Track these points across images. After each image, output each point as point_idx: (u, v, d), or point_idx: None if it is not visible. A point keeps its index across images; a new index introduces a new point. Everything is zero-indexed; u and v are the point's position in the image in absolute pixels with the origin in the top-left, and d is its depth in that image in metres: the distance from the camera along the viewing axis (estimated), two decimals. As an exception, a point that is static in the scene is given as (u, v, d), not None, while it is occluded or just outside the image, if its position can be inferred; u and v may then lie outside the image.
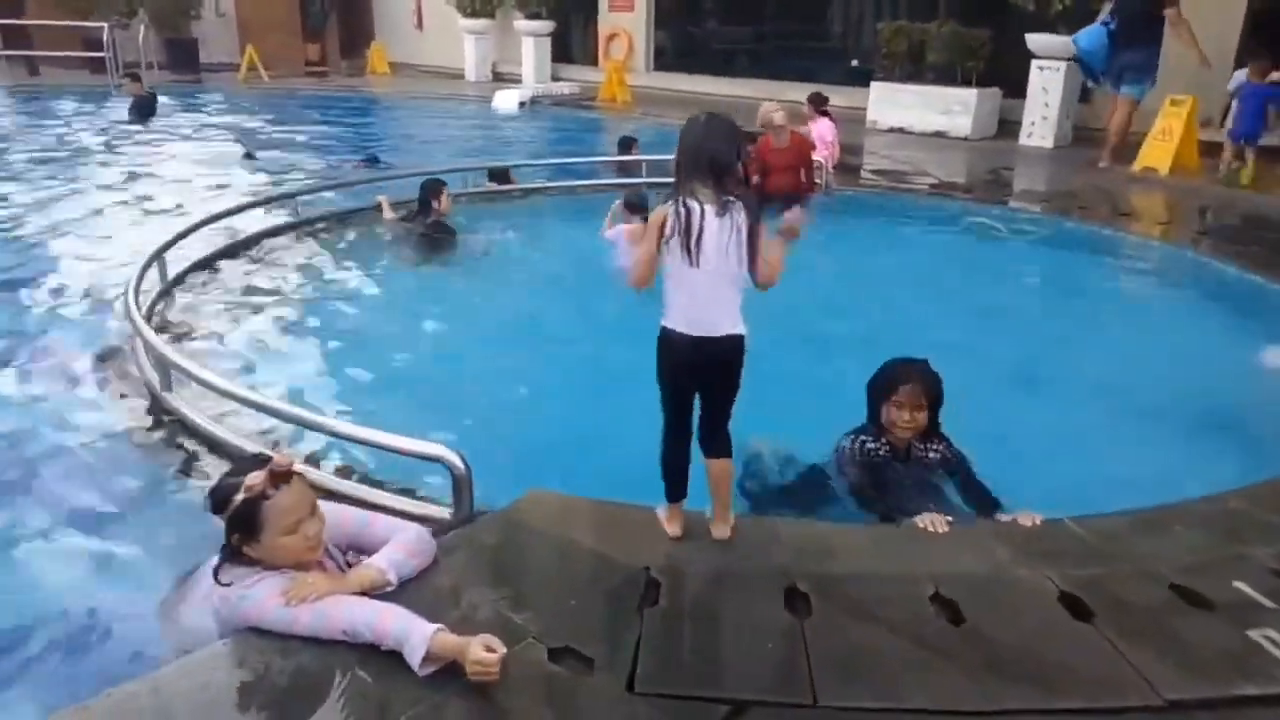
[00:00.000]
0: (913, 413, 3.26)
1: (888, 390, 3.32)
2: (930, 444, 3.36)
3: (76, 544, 3.15)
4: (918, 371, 3.31)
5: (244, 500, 2.26)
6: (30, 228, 7.67)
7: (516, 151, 12.46)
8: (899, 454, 3.34)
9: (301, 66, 22.92)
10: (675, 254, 2.53)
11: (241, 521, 2.28)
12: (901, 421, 3.28)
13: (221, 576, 2.29)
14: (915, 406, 3.26)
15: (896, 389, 3.29)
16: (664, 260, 2.57)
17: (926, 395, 3.27)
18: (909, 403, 3.26)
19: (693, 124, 2.60)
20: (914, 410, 3.26)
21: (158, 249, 5.61)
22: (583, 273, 6.63)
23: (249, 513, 2.26)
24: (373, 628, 2.18)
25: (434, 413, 4.26)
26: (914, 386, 3.27)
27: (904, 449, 3.34)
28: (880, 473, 3.33)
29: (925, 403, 3.26)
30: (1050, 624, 2.40)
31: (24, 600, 2.86)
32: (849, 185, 9.30)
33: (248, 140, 12.19)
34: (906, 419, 3.27)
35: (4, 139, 12.37)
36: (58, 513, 3.35)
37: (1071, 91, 11.81)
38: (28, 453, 3.80)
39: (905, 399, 3.26)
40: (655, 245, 2.56)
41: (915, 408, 3.26)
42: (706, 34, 19.80)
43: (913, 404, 3.26)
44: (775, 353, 4.45)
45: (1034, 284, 6.85)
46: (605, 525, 2.88)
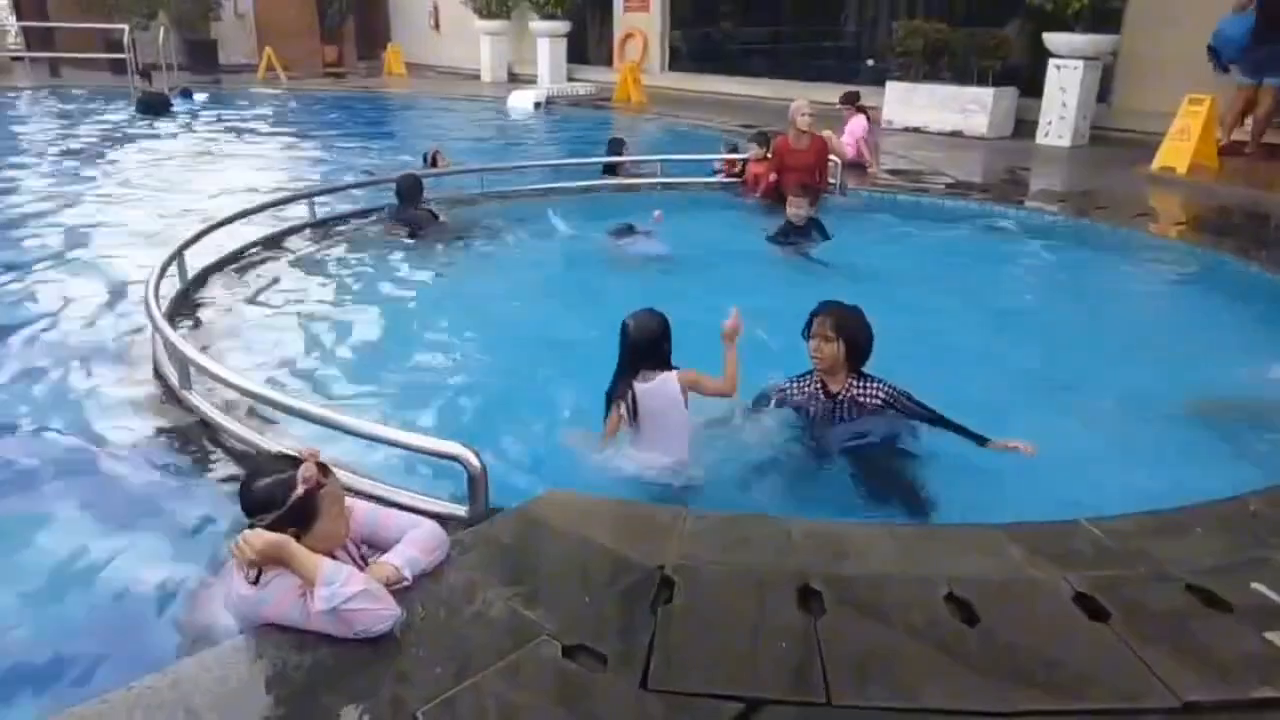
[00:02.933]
0: (820, 343, 3.58)
1: (806, 325, 3.66)
2: (866, 386, 3.64)
3: (92, 540, 3.18)
4: (832, 306, 3.65)
5: (307, 492, 2.34)
6: (52, 225, 7.77)
7: (529, 152, 12.52)
8: (826, 392, 3.67)
9: (319, 68, 23.10)
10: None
11: (302, 513, 2.33)
12: (811, 350, 3.63)
13: (249, 574, 2.30)
14: (823, 337, 3.57)
15: (811, 322, 3.64)
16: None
17: (834, 328, 3.56)
18: (818, 333, 3.59)
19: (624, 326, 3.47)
20: (822, 340, 3.58)
21: (177, 247, 5.66)
22: (596, 273, 6.65)
23: (310, 504, 2.34)
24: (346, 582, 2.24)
25: (450, 411, 4.29)
26: (823, 318, 3.59)
27: (832, 391, 3.65)
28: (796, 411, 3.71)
29: (833, 335, 3.56)
30: (1066, 625, 2.39)
31: (42, 595, 2.89)
32: (864, 185, 9.27)
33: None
34: (814, 348, 3.61)
35: (28, 139, 12.53)
36: (75, 508, 3.38)
37: (1089, 91, 11.74)
38: (47, 447, 3.85)
39: (816, 329, 3.61)
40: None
41: (823, 338, 3.57)
42: (722, 34, 19.79)
43: (820, 334, 3.58)
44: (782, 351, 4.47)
45: (1050, 284, 6.81)
46: (619, 524, 2.89)
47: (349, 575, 2.24)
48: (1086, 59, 11.48)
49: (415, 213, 7.44)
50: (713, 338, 3.52)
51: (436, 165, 9.10)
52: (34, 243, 7.28)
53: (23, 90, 17.75)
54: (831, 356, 3.60)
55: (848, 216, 8.11)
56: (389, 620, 2.25)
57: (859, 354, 3.65)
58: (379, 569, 2.42)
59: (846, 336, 3.59)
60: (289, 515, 2.32)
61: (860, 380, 3.67)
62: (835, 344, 3.58)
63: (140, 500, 3.45)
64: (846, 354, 3.61)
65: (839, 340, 3.58)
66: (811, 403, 3.71)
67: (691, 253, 6.92)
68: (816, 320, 3.63)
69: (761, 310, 5.51)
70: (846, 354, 3.61)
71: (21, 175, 9.95)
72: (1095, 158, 11.15)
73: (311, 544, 2.35)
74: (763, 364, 4.00)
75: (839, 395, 3.66)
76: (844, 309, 3.65)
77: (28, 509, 3.40)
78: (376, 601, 2.24)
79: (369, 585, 2.25)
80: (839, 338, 3.58)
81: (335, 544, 2.45)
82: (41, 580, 2.97)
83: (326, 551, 2.39)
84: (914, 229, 7.97)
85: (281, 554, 2.25)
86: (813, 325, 3.64)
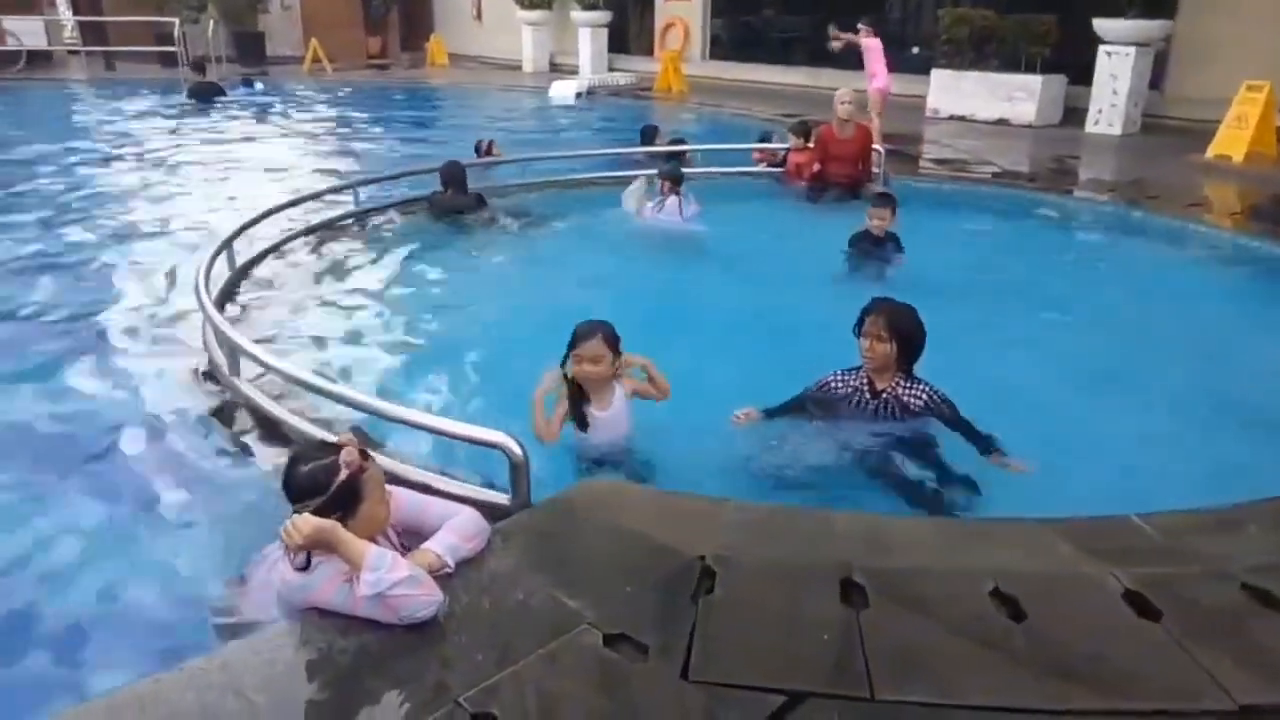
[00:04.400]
0: (873, 342, 3.53)
1: (860, 321, 3.61)
2: (912, 387, 3.59)
3: (139, 522, 3.27)
4: (885, 304, 3.59)
5: (350, 476, 2.37)
6: (105, 212, 7.98)
7: (570, 141, 12.53)
8: (870, 390, 3.62)
9: (363, 59, 23.32)
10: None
11: (347, 497, 2.37)
12: (864, 350, 3.57)
13: (298, 560, 2.34)
14: (876, 336, 3.52)
15: (865, 319, 3.58)
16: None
17: (888, 327, 3.50)
18: (871, 331, 3.54)
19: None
20: (875, 340, 3.52)
21: (227, 236, 5.77)
22: (640, 261, 6.65)
23: (354, 487, 2.37)
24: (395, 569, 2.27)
25: (492, 398, 4.32)
26: (875, 317, 3.53)
27: (878, 389, 3.61)
28: (837, 405, 3.67)
29: (886, 335, 3.50)
30: (1115, 623, 2.34)
31: (90, 575, 2.96)
32: (908, 174, 9.15)
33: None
34: (867, 347, 3.56)
35: (85, 128, 12.84)
36: (125, 493, 3.47)
37: (1141, 77, 11.47)
38: (98, 432, 3.95)
39: (869, 328, 3.55)
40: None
41: (876, 337, 3.52)
42: (763, 23, 19.63)
43: (873, 333, 3.52)
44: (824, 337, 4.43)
45: (1099, 275, 6.67)
46: (660, 514, 2.89)
47: (394, 561, 2.27)
48: (1139, 45, 11.21)
49: (461, 199, 7.51)
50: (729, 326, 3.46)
51: (490, 155, 9.15)
52: (88, 229, 7.47)
53: (79, 82, 18.17)
54: (884, 356, 3.55)
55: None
56: (432, 606, 2.27)
57: (911, 354, 3.60)
58: (421, 556, 2.44)
59: (900, 336, 3.54)
60: (333, 500, 2.35)
61: (907, 380, 3.62)
62: (888, 344, 3.53)
63: (187, 483, 3.52)
64: (898, 353, 3.56)
65: (892, 340, 3.53)
66: (855, 397, 3.67)
67: (726, 241, 6.91)
68: (869, 318, 3.57)
69: (794, 298, 5.52)
70: (898, 353, 3.56)
71: (77, 164, 10.20)
72: (1147, 146, 10.89)
73: (354, 528, 2.38)
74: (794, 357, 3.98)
75: (884, 393, 3.61)
76: (898, 307, 3.59)
77: (75, 488, 3.49)
78: (420, 588, 2.26)
79: (413, 572, 2.27)
80: (892, 338, 3.53)
81: (377, 529, 2.48)
82: (89, 559, 3.04)
83: (368, 536, 2.42)
84: (959, 218, 7.86)
85: (330, 539, 2.28)
86: (865, 323, 3.58)
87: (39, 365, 4.68)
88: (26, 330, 5.20)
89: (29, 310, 5.52)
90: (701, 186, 8.88)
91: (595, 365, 3.46)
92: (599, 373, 3.47)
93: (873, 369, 3.62)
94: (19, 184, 9.08)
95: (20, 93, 16.32)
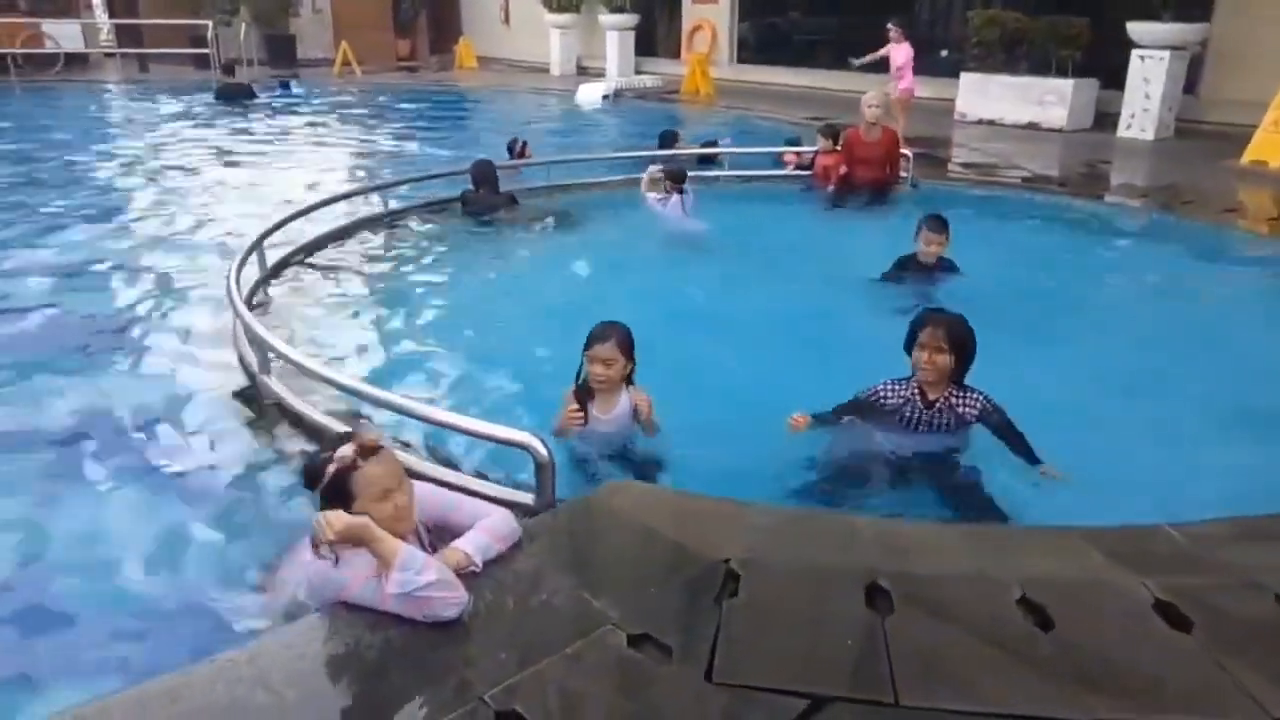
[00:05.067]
0: (932, 354, 3.46)
1: (912, 333, 3.55)
2: (964, 396, 3.54)
3: (169, 517, 3.31)
4: (940, 316, 3.55)
5: (336, 471, 2.39)
6: (138, 212, 8.09)
7: (597, 144, 12.56)
8: (923, 400, 3.56)
9: (393, 61, 23.52)
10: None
11: (334, 492, 2.39)
12: (921, 362, 3.50)
13: (327, 554, 2.37)
14: (935, 349, 3.46)
15: (919, 331, 3.51)
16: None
17: (947, 339, 3.45)
18: (929, 344, 3.47)
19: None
20: (933, 352, 3.46)
21: (258, 237, 5.84)
22: (664, 266, 6.66)
23: (340, 483, 2.38)
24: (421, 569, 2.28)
25: (519, 399, 4.34)
26: (933, 329, 3.47)
27: (931, 399, 3.55)
28: (888, 415, 3.60)
29: (945, 347, 3.44)
30: (1145, 632, 2.32)
31: (120, 569, 3.01)
32: (936, 178, 9.09)
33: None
34: (925, 359, 3.47)
35: (120, 129, 13.04)
36: (153, 485, 3.53)
37: (1175, 81, 11.31)
38: (132, 428, 4.01)
39: (926, 340, 3.48)
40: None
41: (935, 350, 3.46)
42: (790, 25, 19.56)
43: (932, 346, 3.46)
44: (858, 345, 4.41)
45: (1130, 281, 6.58)
46: (686, 516, 2.89)
47: (424, 563, 2.29)
48: (1173, 48, 11.06)
49: (494, 198, 7.55)
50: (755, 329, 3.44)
51: (523, 156, 9.20)
52: (118, 227, 7.61)
53: (113, 84, 18.47)
54: (945, 368, 3.48)
55: (916, 208, 7.97)
56: (457, 608, 2.29)
57: (967, 365, 3.53)
58: (451, 554, 2.46)
59: (958, 347, 3.47)
60: (326, 491, 2.39)
61: (960, 390, 3.57)
62: (948, 355, 3.46)
63: (217, 479, 3.57)
64: (955, 364, 3.50)
65: (951, 351, 3.46)
66: (907, 408, 3.60)
67: (751, 244, 6.94)
68: (925, 331, 3.49)
69: (823, 303, 5.50)
70: (955, 364, 3.50)
71: (107, 163, 10.37)
72: (1181, 151, 10.74)
73: None
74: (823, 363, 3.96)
75: (937, 403, 3.56)
76: (955, 318, 3.53)
77: (105, 484, 3.54)
78: (448, 590, 2.28)
79: (442, 574, 2.29)
80: (951, 349, 3.46)
81: (396, 529, 2.45)
82: (119, 554, 3.09)
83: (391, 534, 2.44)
84: (987, 223, 7.78)
85: (362, 535, 2.30)
86: (919, 336, 3.51)
87: (70, 360, 4.75)
88: (59, 326, 5.28)
89: (59, 306, 5.60)
90: (730, 189, 8.91)
91: (606, 369, 3.45)
92: (609, 376, 3.46)
93: (929, 381, 3.54)
94: (51, 182, 9.24)
95: (57, 94, 16.61)
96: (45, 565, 3.04)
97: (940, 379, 3.53)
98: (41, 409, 4.18)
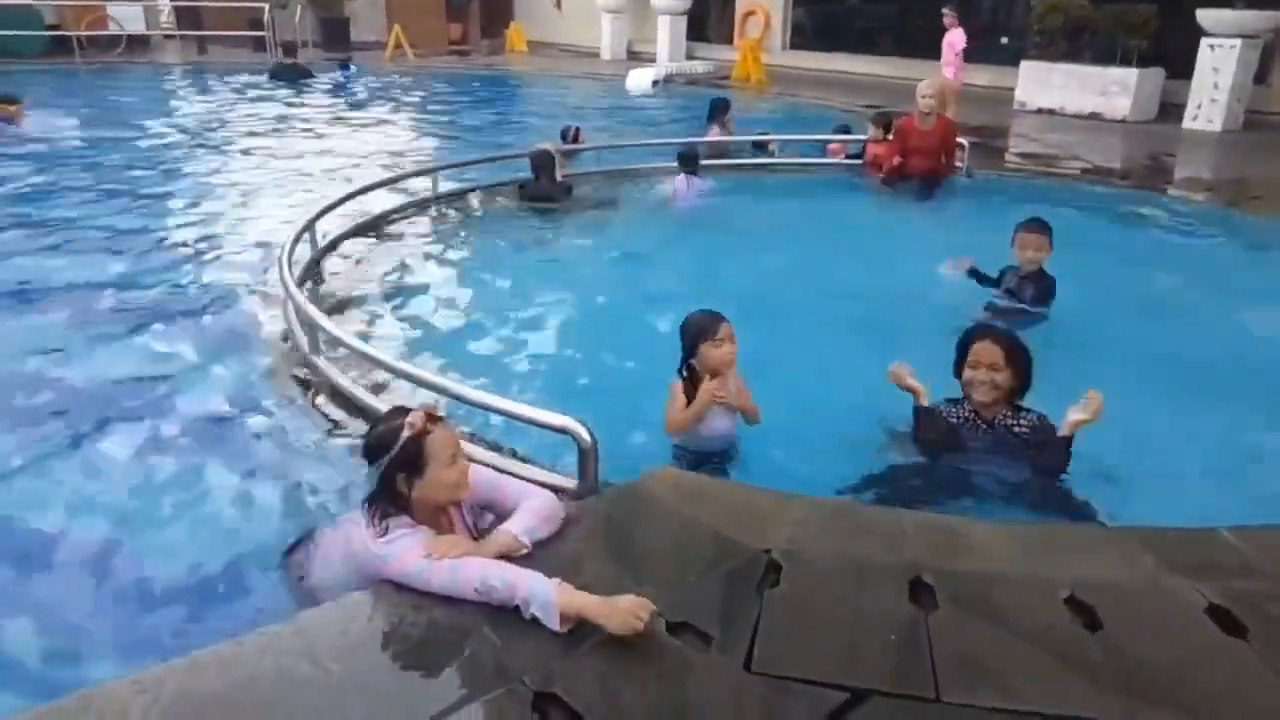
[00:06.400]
0: (987, 371, 3.30)
1: (963, 350, 3.39)
2: (1019, 416, 3.36)
3: (218, 493, 3.39)
4: (995, 332, 3.41)
5: (410, 438, 2.43)
6: (191, 194, 8.24)
7: (647, 130, 12.52)
8: (982, 420, 3.37)
9: (445, 45, 23.66)
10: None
11: (409, 458, 2.43)
12: (975, 380, 3.33)
13: (374, 521, 2.42)
14: (989, 365, 3.29)
15: (970, 347, 3.36)
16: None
17: (1002, 354, 3.29)
18: (982, 361, 3.31)
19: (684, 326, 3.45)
20: (988, 369, 3.30)
21: (310, 218, 5.91)
22: (716, 253, 6.62)
23: (416, 449, 2.43)
24: (506, 581, 2.27)
25: (564, 383, 4.37)
26: (985, 344, 3.31)
27: (988, 418, 3.37)
28: (948, 435, 3.41)
29: (1000, 363, 3.28)
30: (1198, 638, 2.26)
31: (172, 543, 3.09)
32: (993, 169, 8.91)
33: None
34: (981, 378, 3.31)
35: (175, 109, 13.31)
36: (204, 462, 3.61)
37: (1246, 71, 10.94)
38: (184, 404, 4.11)
39: (978, 357, 3.32)
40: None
41: (989, 366, 3.29)
42: (846, 11, 19.29)
43: (986, 362, 3.30)
44: (909, 338, 4.34)
45: (1193, 277, 6.35)
46: (728, 505, 2.88)
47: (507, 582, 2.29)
48: (1245, 37, 10.69)
49: (549, 186, 7.59)
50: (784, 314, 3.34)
51: (576, 142, 9.23)
52: (178, 207, 7.76)
53: (173, 65, 18.85)
54: (1005, 386, 3.31)
55: (972, 198, 7.85)
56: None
57: (1025, 384, 3.35)
58: (501, 537, 2.49)
59: (1016, 364, 3.30)
60: (399, 459, 2.43)
61: (1015, 411, 3.38)
62: (1005, 372, 3.29)
63: (266, 456, 3.66)
64: (1012, 383, 3.32)
65: (1009, 367, 3.29)
66: (965, 429, 3.41)
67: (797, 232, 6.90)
68: (978, 348, 3.32)
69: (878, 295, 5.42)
70: (1012, 383, 3.32)
71: (168, 141, 10.60)
72: (1250, 143, 10.41)
73: (426, 493, 2.46)
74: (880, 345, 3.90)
75: (995, 422, 3.38)
76: (1009, 335, 3.36)
77: (157, 460, 3.63)
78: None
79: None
80: (1009, 364, 3.29)
81: (449, 496, 2.53)
82: (171, 528, 3.18)
83: (441, 504, 2.51)
84: (1045, 215, 7.59)
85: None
86: (971, 352, 3.34)
87: (124, 336, 4.88)
88: (116, 303, 5.40)
89: (116, 283, 5.73)
90: (778, 178, 8.83)
91: (734, 344, 3.38)
92: (733, 353, 3.38)
93: (984, 401, 3.35)
94: (112, 161, 9.46)
95: (119, 74, 17.00)
96: (87, 535, 3.12)
97: (995, 399, 3.34)
98: (92, 382, 4.30)
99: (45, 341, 4.74)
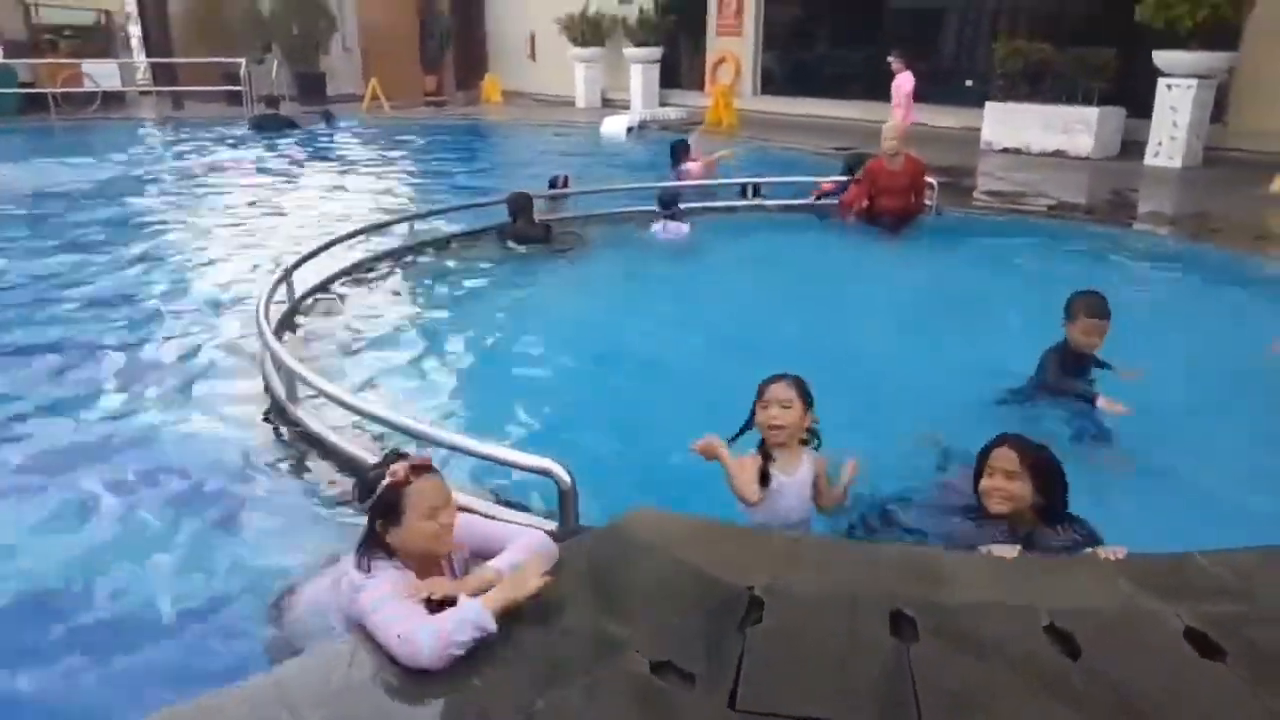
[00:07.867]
0: (1005, 480, 2.92)
1: (983, 457, 3.01)
2: (1056, 530, 2.96)
3: (196, 543, 3.37)
4: (1013, 438, 3.01)
5: (388, 486, 2.43)
6: (167, 247, 8.23)
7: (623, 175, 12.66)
8: (1014, 533, 2.95)
9: (420, 97, 23.86)
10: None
11: (386, 506, 2.43)
12: (991, 489, 2.95)
13: (362, 562, 2.42)
14: (1006, 474, 2.92)
15: (990, 453, 2.99)
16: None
17: (1024, 462, 2.91)
18: (1000, 468, 2.94)
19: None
20: (1006, 477, 2.92)
21: (288, 267, 5.93)
22: (692, 294, 6.69)
23: (393, 498, 2.43)
24: (431, 630, 2.22)
25: (544, 426, 4.36)
26: (1005, 450, 2.95)
27: (1020, 532, 2.95)
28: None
29: (1017, 469, 2.91)
30: (1176, 662, 2.28)
31: (149, 594, 3.06)
32: (961, 207, 9.08)
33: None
34: (998, 486, 2.94)
35: (158, 163, 13.34)
36: (180, 511, 3.58)
37: (1203, 110, 11.25)
38: (159, 453, 4.08)
39: (998, 464, 2.95)
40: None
41: (1006, 475, 2.92)
42: (814, 57, 19.69)
43: (1004, 470, 2.93)
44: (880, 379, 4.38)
45: (1158, 310, 6.48)
46: (709, 543, 2.88)
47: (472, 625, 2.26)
48: (1200, 77, 11.02)
49: (530, 229, 7.66)
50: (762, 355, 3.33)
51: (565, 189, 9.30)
52: (151, 259, 7.74)
53: (148, 120, 18.90)
54: (1021, 496, 2.93)
55: (940, 237, 7.99)
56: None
57: (1057, 502, 2.98)
58: (482, 574, 2.49)
59: (1038, 474, 2.94)
60: (378, 505, 2.44)
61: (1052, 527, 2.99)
62: (1023, 480, 2.92)
63: (243, 506, 3.63)
64: (1036, 498, 2.95)
65: (1027, 476, 2.92)
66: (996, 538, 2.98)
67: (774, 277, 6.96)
68: (996, 453, 2.97)
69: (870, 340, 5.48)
70: (1036, 498, 2.95)
71: (149, 197, 10.58)
72: (1209, 179, 10.67)
73: (404, 541, 2.44)
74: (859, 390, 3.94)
75: (1030, 533, 2.99)
76: (1027, 441, 3.00)
77: (134, 510, 3.59)
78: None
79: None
80: (1027, 472, 2.92)
81: (428, 547, 2.50)
82: (150, 579, 3.14)
83: (423, 554, 2.49)
84: (1011, 251, 7.75)
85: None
86: (990, 456, 2.99)
87: (101, 390, 4.85)
88: (91, 357, 5.36)
89: (92, 337, 5.71)
90: (759, 218, 8.96)
91: (786, 410, 3.10)
92: (789, 419, 3.10)
93: (1003, 514, 2.97)
94: (85, 216, 9.43)
95: (93, 130, 17.00)
96: (68, 588, 3.09)
97: (1018, 511, 2.97)
98: (72, 434, 4.26)
99: (18, 392, 4.70)
